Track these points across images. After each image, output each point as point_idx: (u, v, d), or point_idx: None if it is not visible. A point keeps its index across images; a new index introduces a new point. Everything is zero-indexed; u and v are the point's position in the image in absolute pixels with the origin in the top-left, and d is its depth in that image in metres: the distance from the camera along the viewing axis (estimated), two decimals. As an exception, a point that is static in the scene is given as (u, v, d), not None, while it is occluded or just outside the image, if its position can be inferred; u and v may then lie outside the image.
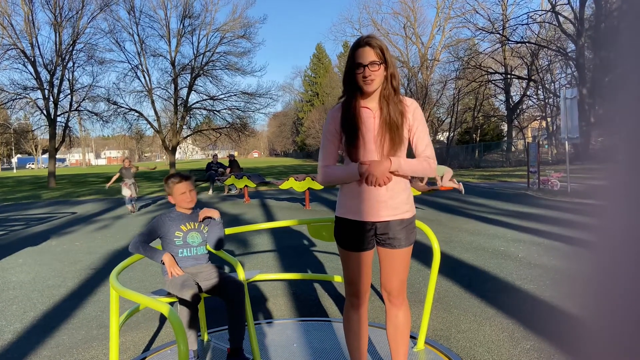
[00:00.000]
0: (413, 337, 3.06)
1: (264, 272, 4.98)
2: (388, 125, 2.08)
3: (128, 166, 11.51)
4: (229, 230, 3.51)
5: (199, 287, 2.81)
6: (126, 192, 11.28)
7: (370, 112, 2.13)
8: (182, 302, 2.80)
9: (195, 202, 3.07)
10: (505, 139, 39.98)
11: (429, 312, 3.05)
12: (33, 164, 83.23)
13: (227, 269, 3.71)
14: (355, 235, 2.17)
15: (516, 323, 3.41)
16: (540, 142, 27.25)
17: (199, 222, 3.04)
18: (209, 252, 3.12)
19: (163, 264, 2.85)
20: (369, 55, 2.02)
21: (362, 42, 2.05)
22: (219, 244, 3.08)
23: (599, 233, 0.46)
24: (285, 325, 3.53)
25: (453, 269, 5.02)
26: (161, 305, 2.06)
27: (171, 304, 3.26)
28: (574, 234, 6.75)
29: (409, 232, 2.19)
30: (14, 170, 63.80)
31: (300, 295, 4.32)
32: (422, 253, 5.35)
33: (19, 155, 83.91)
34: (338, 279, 3.98)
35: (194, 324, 2.92)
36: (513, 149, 36.41)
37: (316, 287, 4.54)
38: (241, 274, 2.95)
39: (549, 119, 35.82)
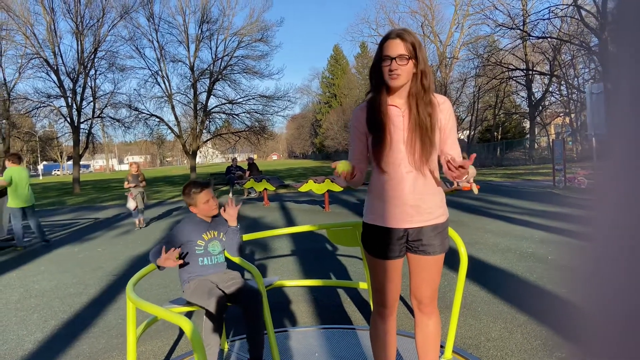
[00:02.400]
0: (440, 346, 2.93)
1: (284, 277, 4.89)
2: (418, 125, 1.95)
3: (136, 172, 9.85)
4: (248, 236, 3.43)
5: (225, 295, 2.73)
6: (131, 204, 9.67)
7: (399, 111, 1.99)
8: (207, 312, 2.72)
9: (218, 210, 2.98)
10: (528, 136, 39.16)
11: (456, 319, 2.92)
12: (58, 170, 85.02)
13: (246, 275, 3.63)
14: (386, 243, 2.03)
15: (549, 330, 3.24)
16: (565, 139, 26.61)
17: (218, 231, 2.96)
18: (227, 259, 3.04)
19: (161, 268, 2.76)
20: (399, 48, 1.88)
21: (393, 34, 1.91)
22: (237, 252, 3.00)
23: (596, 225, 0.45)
24: (306, 334, 3.42)
25: (480, 272, 4.85)
26: (178, 318, 1.98)
27: (188, 313, 3.18)
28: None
29: (444, 238, 2.06)
30: (40, 177, 65.20)
31: (322, 301, 4.21)
32: (445, 255, 5.19)
33: (44, 162, 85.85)
34: (363, 285, 3.84)
35: (217, 333, 2.82)
36: (536, 146, 35.64)
37: (339, 292, 4.42)
38: (260, 283, 2.86)
39: (572, 115, 34.98)
